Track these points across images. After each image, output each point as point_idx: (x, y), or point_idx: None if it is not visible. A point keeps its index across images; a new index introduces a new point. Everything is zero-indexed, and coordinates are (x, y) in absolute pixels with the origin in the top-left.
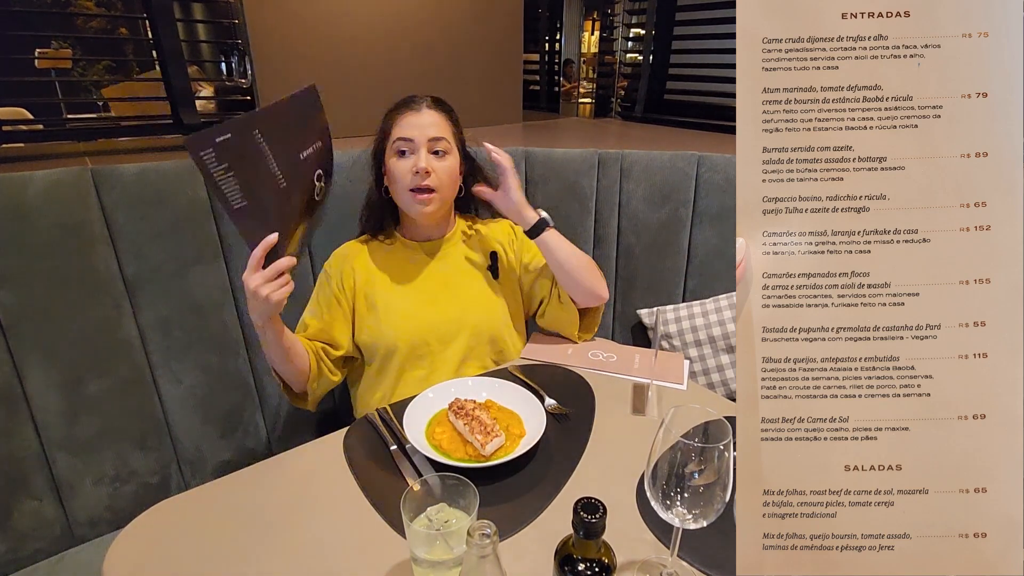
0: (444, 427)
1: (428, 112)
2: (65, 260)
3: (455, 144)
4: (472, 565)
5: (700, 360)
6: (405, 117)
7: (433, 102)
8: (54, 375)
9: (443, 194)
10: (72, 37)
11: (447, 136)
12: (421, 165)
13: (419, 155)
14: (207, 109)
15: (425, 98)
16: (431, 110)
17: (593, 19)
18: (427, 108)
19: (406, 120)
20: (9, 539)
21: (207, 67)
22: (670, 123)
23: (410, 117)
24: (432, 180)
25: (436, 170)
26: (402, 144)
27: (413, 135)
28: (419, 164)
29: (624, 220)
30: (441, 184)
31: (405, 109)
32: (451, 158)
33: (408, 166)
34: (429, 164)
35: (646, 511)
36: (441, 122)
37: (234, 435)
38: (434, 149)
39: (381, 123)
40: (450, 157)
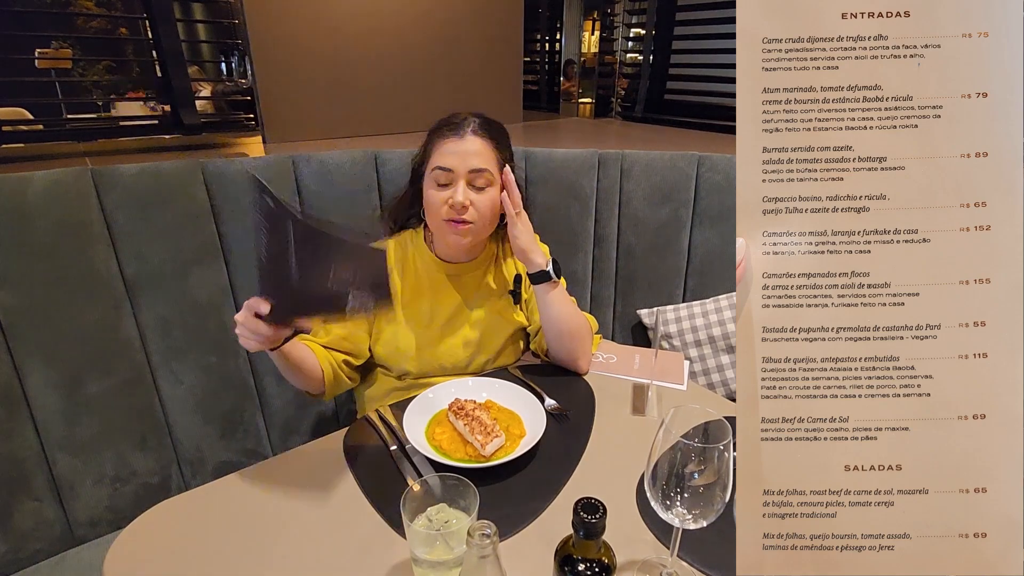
0: (444, 427)
1: (471, 139)
2: (65, 260)
3: (497, 172)
4: (472, 565)
5: (700, 360)
6: (447, 142)
7: (479, 126)
8: (54, 375)
9: (481, 225)
10: (72, 37)
11: (490, 167)
12: (458, 200)
13: (457, 188)
14: (207, 109)
15: (472, 120)
16: (476, 137)
17: (593, 19)
18: (471, 134)
19: (448, 146)
20: (9, 539)
21: (207, 67)
22: (670, 123)
23: (452, 143)
24: (470, 215)
25: (475, 203)
26: (440, 175)
27: (453, 165)
28: (456, 198)
29: (624, 220)
30: (480, 217)
31: (449, 133)
32: (492, 190)
33: (445, 197)
34: (467, 198)
35: (646, 511)
36: (485, 151)
37: (234, 435)
38: (475, 182)
39: (425, 140)
40: (491, 189)
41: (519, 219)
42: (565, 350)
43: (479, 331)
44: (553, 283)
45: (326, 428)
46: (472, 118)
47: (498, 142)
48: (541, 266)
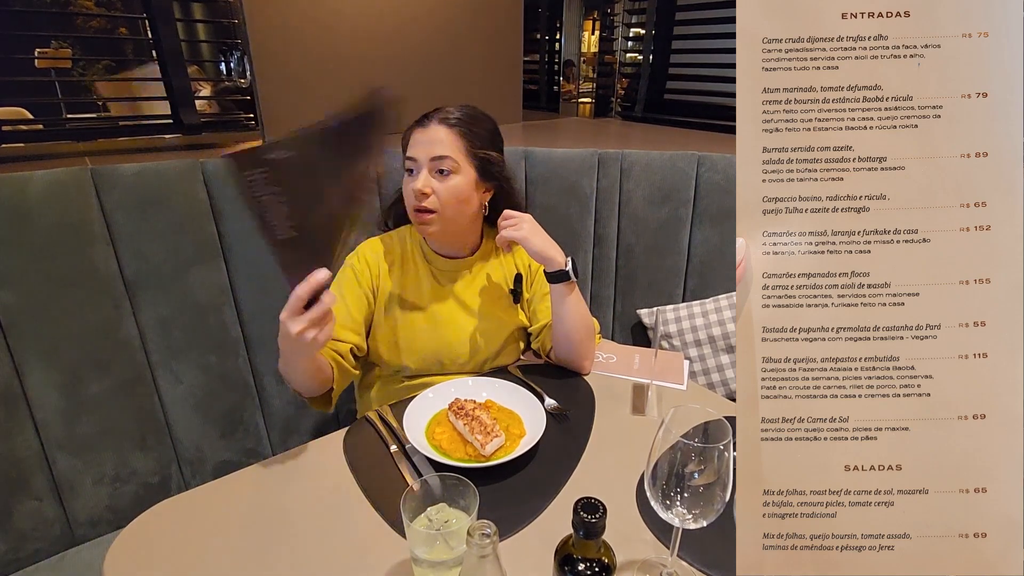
0: (444, 427)
1: (435, 128)
2: (65, 260)
3: (467, 161)
4: (472, 565)
5: (700, 360)
6: (413, 134)
7: (447, 115)
8: (54, 375)
9: (445, 215)
10: (72, 37)
11: (452, 154)
12: (417, 187)
13: (419, 175)
14: (207, 109)
15: (439, 112)
16: (440, 126)
17: (593, 19)
18: (435, 124)
19: (414, 137)
20: (9, 539)
21: (207, 67)
22: (670, 123)
23: (417, 134)
24: (431, 202)
25: (437, 191)
26: (408, 163)
27: (416, 154)
28: (415, 185)
29: (624, 220)
30: (442, 205)
31: (416, 125)
32: (458, 177)
33: (412, 186)
34: (428, 185)
35: (646, 511)
36: (448, 139)
37: (234, 435)
38: (438, 168)
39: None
40: (457, 176)
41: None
42: (572, 350)
43: (478, 327)
44: (571, 283)
45: (326, 428)
46: (445, 110)
47: (467, 129)
48: (560, 265)
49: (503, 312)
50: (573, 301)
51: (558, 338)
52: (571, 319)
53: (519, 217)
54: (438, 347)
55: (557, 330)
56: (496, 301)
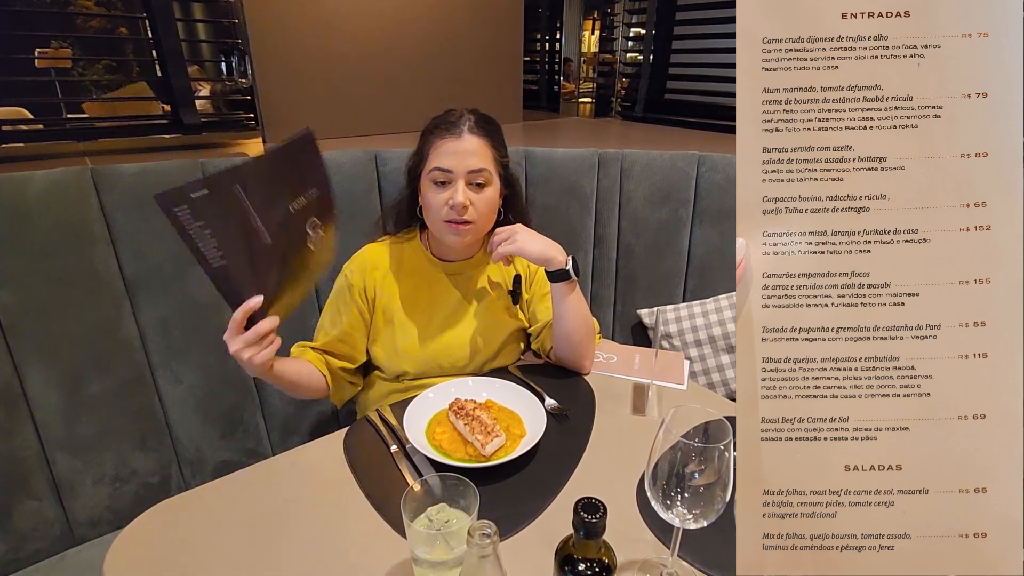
0: (444, 427)
1: (469, 138)
2: (65, 260)
3: (495, 170)
4: (472, 565)
5: (700, 360)
6: (445, 142)
7: (475, 124)
8: (54, 375)
9: (480, 224)
10: (72, 37)
11: (488, 166)
12: (459, 200)
13: (457, 188)
14: (207, 109)
15: (467, 118)
16: (472, 136)
17: (593, 19)
18: (468, 133)
19: (446, 146)
20: (9, 539)
21: (207, 67)
22: (670, 123)
23: (449, 143)
24: (470, 214)
25: (474, 203)
26: (439, 175)
27: (452, 165)
28: (456, 199)
29: (624, 220)
30: (479, 216)
31: (445, 133)
32: (491, 189)
33: (445, 198)
34: (467, 198)
35: (646, 511)
36: (482, 149)
37: (234, 435)
38: (476, 181)
39: (419, 140)
40: (489, 188)
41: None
42: (573, 349)
43: (478, 330)
44: (572, 282)
45: (326, 428)
46: (467, 115)
47: (494, 139)
48: (561, 264)
49: (503, 313)
50: (574, 300)
51: (558, 337)
52: (572, 318)
53: (510, 230)
54: (437, 352)
55: (558, 329)
56: (496, 302)
